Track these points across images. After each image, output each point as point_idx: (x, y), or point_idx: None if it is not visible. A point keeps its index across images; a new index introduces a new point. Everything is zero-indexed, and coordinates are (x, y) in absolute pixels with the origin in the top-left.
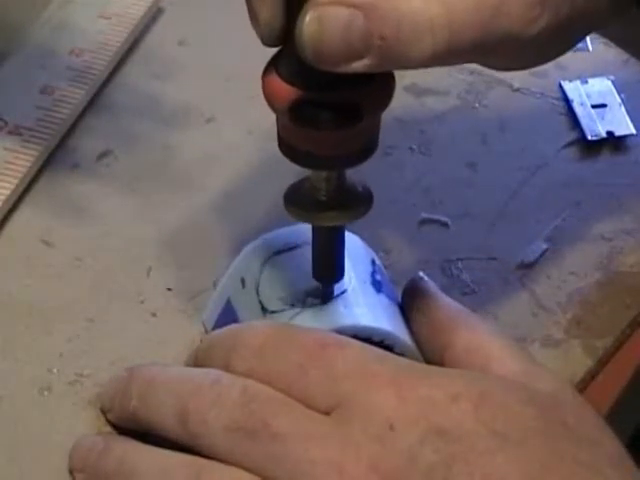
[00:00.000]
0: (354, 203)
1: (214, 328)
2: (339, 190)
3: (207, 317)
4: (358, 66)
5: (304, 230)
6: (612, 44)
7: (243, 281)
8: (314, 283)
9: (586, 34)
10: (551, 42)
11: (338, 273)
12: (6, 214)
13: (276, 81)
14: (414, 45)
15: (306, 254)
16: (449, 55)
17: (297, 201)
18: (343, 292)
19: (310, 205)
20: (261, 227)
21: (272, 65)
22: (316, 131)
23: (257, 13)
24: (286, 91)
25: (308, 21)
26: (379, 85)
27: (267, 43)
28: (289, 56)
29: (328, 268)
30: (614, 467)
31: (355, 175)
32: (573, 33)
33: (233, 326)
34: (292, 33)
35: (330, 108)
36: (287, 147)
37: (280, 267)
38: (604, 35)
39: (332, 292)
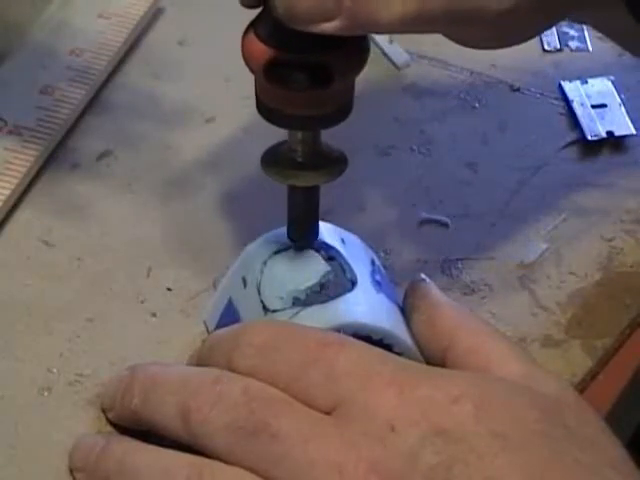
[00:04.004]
0: (329, 164)
1: (216, 328)
2: (315, 152)
3: (209, 317)
4: (329, 27)
5: None
6: (612, 44)
7: (244, 281)
8: (314, 281)
9: (562, 18)
10: (521, 23)
11: (312, 235)
12: (6, 214)
13: (253, 41)
14: (383, 9)
15: (307, 253)
16: (418, 22)
17: (274, 162)
18: (348, 291)
19: (287, 166)
20: (261, 227)
21: (251, 26)
22: (289, 91)
23: None
24: (262, 51)
25: None
26: (352, 49)
27: (245, 4)
28: (266, 17)
29: (302, 229)
30: (615, 469)
31: (355, 175)
32: (548, 14)
33: (235, 325)
34: None
35: (302, 69)
36: (263, 107)
37: (281, 266)
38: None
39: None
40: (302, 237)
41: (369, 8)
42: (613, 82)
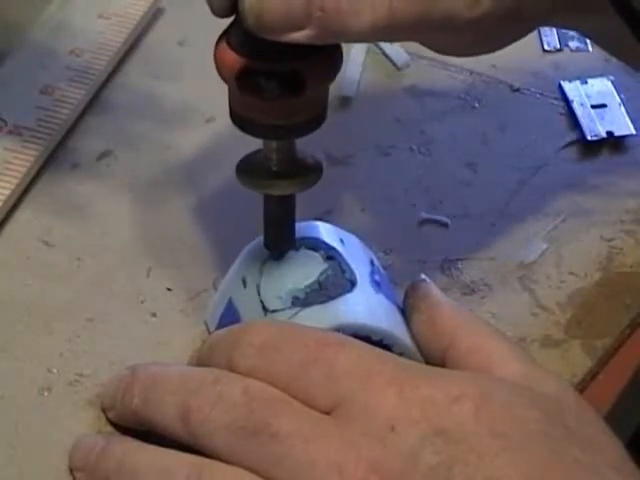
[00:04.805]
0: (304, 173)
1: (217, 328)
2: (290, 160)
3: (209, 317)
4: (299, 36)
5: (304, 229)
6: None
7: (244, 281)
8: (313, 279)
9: (542, 24)
10: (496, 30)
11: (288, 243)
12: (6, 214)
13: (225, 50)
14: (353, 18)
15: (306, 253)
16: (389, 30)
17: (249, 170)
18: (347, 291)
19: (261, 174)
20: (261, 227)
21: (223, 35)
22: (262, 100)
23: None
24: (233, 60)
25: None
26: (324, 57)
27: (217, 13)
28: (237, 26)
29: (278, 237)
30: (616, 470)
31: (355, 175)
32: (521, 23)
33: (235, 325)
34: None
35: (274, 77)
36: (237, 116)
37: (280, 266)
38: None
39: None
40: (278, 245)
41: (339, 17)
42: (613, 82)
